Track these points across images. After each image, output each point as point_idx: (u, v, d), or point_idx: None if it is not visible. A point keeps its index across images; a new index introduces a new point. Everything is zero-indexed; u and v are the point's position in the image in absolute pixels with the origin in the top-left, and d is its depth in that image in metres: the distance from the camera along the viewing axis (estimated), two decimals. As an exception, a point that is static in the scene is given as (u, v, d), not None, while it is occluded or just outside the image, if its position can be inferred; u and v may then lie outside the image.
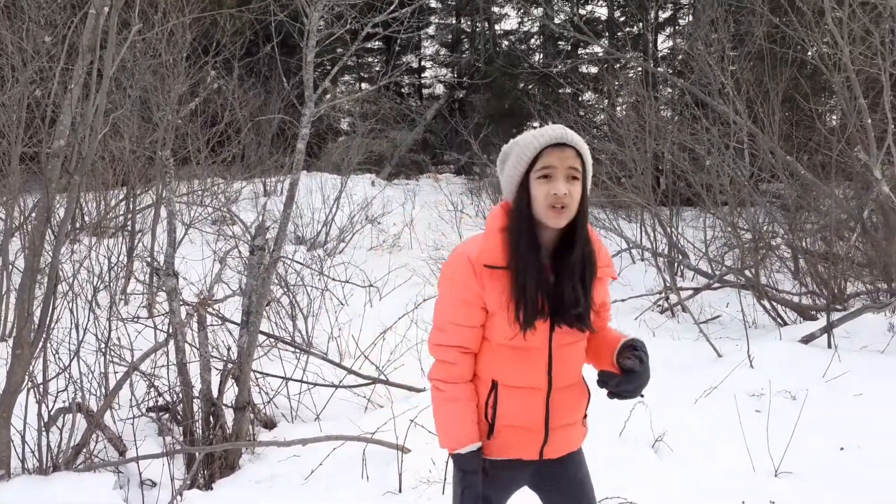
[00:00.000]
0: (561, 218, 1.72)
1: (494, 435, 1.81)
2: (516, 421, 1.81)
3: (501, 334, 1.76)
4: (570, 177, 1.73)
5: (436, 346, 1.83)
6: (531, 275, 1.72)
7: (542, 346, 1.78)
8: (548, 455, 1.86)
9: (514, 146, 1.81)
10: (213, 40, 8.91)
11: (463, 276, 1.76)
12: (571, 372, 1.85)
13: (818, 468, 3.52)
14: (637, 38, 15.22)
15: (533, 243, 1.74)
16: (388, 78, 4.89)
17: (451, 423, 1.80)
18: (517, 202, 1.78)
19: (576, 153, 1.75)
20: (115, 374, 3.95)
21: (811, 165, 7.90)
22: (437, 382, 1.82)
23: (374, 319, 5.75)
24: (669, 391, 4.32)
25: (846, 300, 6.44)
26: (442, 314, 1.82)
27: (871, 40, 5.98)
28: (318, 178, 11.51)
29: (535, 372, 1.80)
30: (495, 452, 1.83)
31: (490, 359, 1.81)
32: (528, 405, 1.81)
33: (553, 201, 1.71)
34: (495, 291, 1.74)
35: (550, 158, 1.73)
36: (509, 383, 1.80)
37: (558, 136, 1.74)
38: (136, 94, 6.93)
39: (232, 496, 3.34)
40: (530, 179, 1.75)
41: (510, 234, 1.76)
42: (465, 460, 1.78)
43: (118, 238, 6.87)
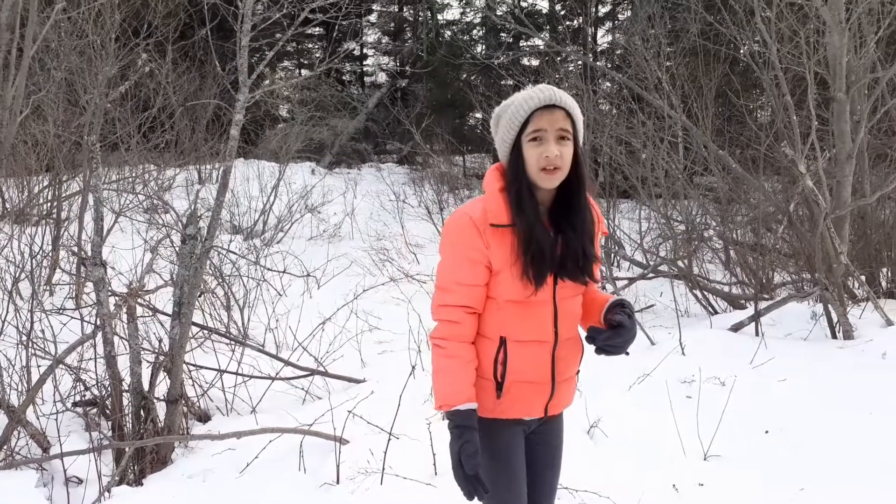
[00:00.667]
0: (553, 179, 1.78)
1: (504, 393, 1.84)
2: (526, 376, 1.85)
3: (509, 291, 1.80)
4: (560, 138, 1.78)
5: (440, 306, 1.85)
6: (539, 230, 1.78)
7: (548, 300, 1.84)
8: (551, 411, 1.93)
9: (505, 109, 1.85)
10: (144, 22, 8.59)
11: (467, 236, 1.79)
12: (573, 324, 1.92)
13: (745, 451, 3.66)
14: (577, 32, 15.42)
15: (533, 201, 1.79)
16: (326, 64, 4.80)
17: (450, 379, 1.81)
18: (512, 165, 1.82)
19: (565, 114, 1.79)
20: (39, 368, 3.79)
21: (742, 160, 8.17)
22: (438, 341, 1.84)
23: (313, 310, 5.68)
24: (604, 378, 4.41)
25: (773, 290, 6.70)
26: (446, 274, 1.85)
27: (798, 40, 6.21)
28: (255, 165, 11.26)
29: (542, 325, 1.85)
30: (506, 412, 1.86)
31: (497, 316, 1.84)
32: (537, 359, 1.85)
33: (545, 164, 1.76)
34: (501, 249, 1.78)
35: (540, 121, 1.77)
36: (518, 338, 1.83)
37: (548, 97, 1.78)
38: (62, 75, 6.62)
39: (163, 491, 3.25)
40: (522, 143, 1.79)
41: (510, 194, 1.80)
42: (463, 416, 1.78)
43: (43, 226, 6.57)
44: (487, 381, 1.85)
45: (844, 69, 6.04)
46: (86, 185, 6.43)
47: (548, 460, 2.02)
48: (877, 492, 3.22)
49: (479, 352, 1.86)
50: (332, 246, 9.09)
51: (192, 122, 11.61)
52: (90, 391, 3.81)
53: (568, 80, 11.33)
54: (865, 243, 6.87)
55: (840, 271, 5.55)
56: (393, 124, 16.06)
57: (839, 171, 6.16)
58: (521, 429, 1.93)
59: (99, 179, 3.70)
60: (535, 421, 1.95)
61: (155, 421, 3.57)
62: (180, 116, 10.66)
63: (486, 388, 1.86)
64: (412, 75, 17.68)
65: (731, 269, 7.33)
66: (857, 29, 6.32)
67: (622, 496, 3.16)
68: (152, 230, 7.38)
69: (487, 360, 1.85)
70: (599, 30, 16.52)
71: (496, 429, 1.88)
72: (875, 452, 3.58)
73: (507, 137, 1.82)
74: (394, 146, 16.36)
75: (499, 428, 1.88)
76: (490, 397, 1.86)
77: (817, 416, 4.02)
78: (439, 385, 1.83)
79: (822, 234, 5.52)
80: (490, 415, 1.86)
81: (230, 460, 3.47)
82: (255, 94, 3.88)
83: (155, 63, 10.33)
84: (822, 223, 5.47)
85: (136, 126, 9.53)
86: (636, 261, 8.19)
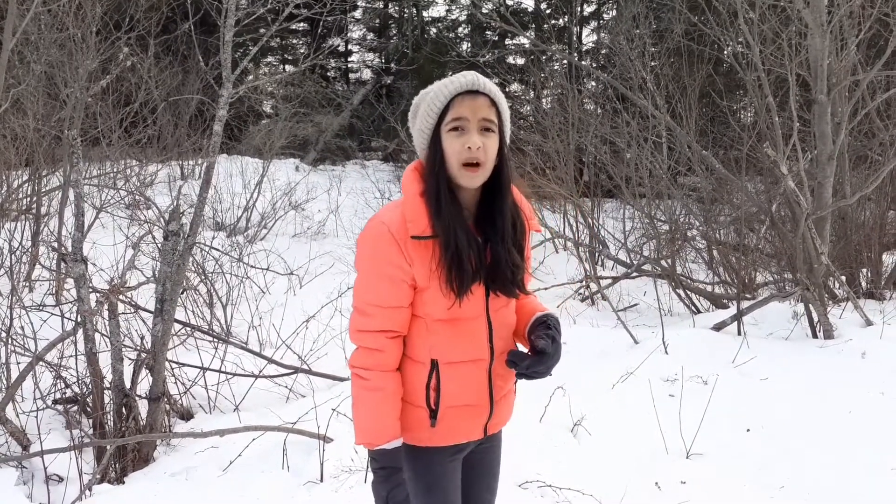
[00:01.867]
0: (476, 177, 1.59)
1: (438, 420, 1.66)
2: (462, 399, 1.68)
3: (437, 308, 1.62)
4: (483, 128, 1.58)
5: (358, 332, 1.65)
6: (461, 237, 1.58)
7: (481, 314, 1.66)
8: (490, 430, 1.77)
9: (423, 97, 1.66)
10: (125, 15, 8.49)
11: (386, 251, 1.58)
12: (508, 336, 1.75)
13: (726, 449, 3.69)
14: (562, 31, 15.46)
15: (454, 204, 1.60)
16: (310, 60, 4.77)
17: (375, 415, 1.63)
18: (429, 160, 1.62)
19: (490, 102, 1.60)
20: (18, 365, 3.74)
21: (725, 160, 8.24)
22: (359, 370, 1.64)
23: (297, 308, 5.65)
24: (588, 377, 4.43)
25: (755, 289, 6.77)
26: (364, 295, 1.64)
27: (780, 42, 6.26)
28: (238, 161, 11.17)
29: (477, 343, 1.67)
30: (442, 440, 1.70)
31: (426, 338, 1.65)
32: (473, 380, 1.68)
33: (466, 157, 1.56)
34: (424, 263, 1.59)
35: (461, 108, 1.57)
36: (451, 359, 1.65)
37: (469, 82, 1.59)
38: (42, 69, 6.53)
39: (145, 489, 3.22)
40: (441, 133, 1.60)
41: (428, 197, 1.59)
42: (389, 456, 1.63)
43: (22, 222, 6.48)
44: (419, 408, 1.67)
45: (826, 71, 6.11)
46: (66, 180, 6.35)
47: (486, 483, 1.87)
48: (856, 489, 3.26)
49: (408, 377, 1.67)
50: (317, 243, 9.05)
51: (175, 117, 11.51)
52: (71, 388, 3.77)
53: (553, 79, 11.37)
54: (846, 244, 6.96)
55: (821, 271, 5.62)
56: (378, 121, 16.01)
57: (820, 172, 6.23)
58: (458, 456, 1.76)
59: (80, 174, 3.65)
60: (474, 442, 1.77)
61: (137, 419, 3.54)
62: (163, 111, 10.56)
63: (418, 416, 1.67)
64: (397, 72, 17.63)
65: (714, 268, 7.39)
66: (838, 31, 6.39)
67: (605, 494, 3.17)
68: (134, 226, 7.31)
69: (418, 386, 1.66)
70: (584, 29, 16.58)
71: (431, 458, 1.71)
72: (854, 450, 3.63)
73: (425, 127, 1.62)
74: (379, 143, 16.29)
75: (435, 456, 1.71)
76: (423, 426, 1.68)
77: (798, 414, 4.07)
78: (362, 420, 1.64)
79: (803, 235, 5.57)
80: (425, 444, 1.70)
81: (213, 458, 3.45)
82: (238, 89, 3.85)
83: (137, 57, 10.22)
84: (803, 224, 5.53)
85: (117, 121, 9.42)
86: (620, 260, 8.23)
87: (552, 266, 8.59)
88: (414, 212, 1.59)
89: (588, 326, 6.08)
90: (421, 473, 1.72)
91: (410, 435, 1.70)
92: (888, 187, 7.25)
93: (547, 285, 7.56)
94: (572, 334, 5.56)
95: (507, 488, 3.13)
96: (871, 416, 3.98)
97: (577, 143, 8.91)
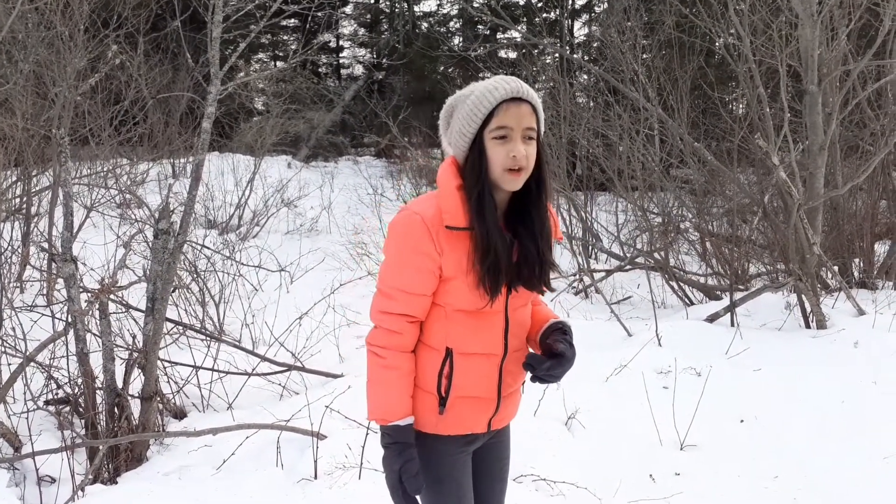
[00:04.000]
0: (518, 181, 1.62)
1: (447, 409, 1.70)
2: (471, 391, 1.71)
3: (460, 300, 1.65)
4: (526, 137, 1.62)
5: (380, 312, 1.69)
6: (500, 240, 1.62)
7: (500, 310, 1.71)
8: (494, 426, 1.80)
9: (463, 99, 1.68)
10: (114, 13, 8.43)
11: (417, 240, 1.61)
12: (522, 335, 1.79)
13: (720, 440, 3.70)
14: (554, 24, 15.44)
15: (492, 205, 1.63)
16: (301, 56, 4.75)
17: (388, 392, 1.67)
18: (472, 163, 1.64)
19: (532, 109, 1.63)
20: (9, 366, 3.72)
21: (718, 152, 8.24)
22: (377, 349, 1.68)
23: (290, 305, 5.64)
24: (582, 370, 4.41)
25: (748, 280, 6.78)
26: (390, 279, 1.67)
27: (771, 33, 6.26)
28: (230, 159, 11.13)
29: (493, 337, 1.71)
30: (448, 428, 1.73)
31: (444, 325, 1.68)
32: (484, 373, 1.72)
33: (511, 164, 1.60)
34: (454, 254, 1.62)
35: (506, 117, 1.60)
36: (466, 350, 1.69)
37: (514, 90, 1.61)
38: (29, 67, 6.48)
39: (138, 489, 3.20)
40: (484, 139, 1.62)
41: (469, 195, 1.62)
42: (402, 431, 1.66)
43: (12, 222, 6.44)
44: (429, 394, 1.71)
45: (816, 62, 6.11)
46: (56, 179, 6.31)
47: (497, 473, 1.91)
48: (850, 478, 3.28)
49: (422, 362, 1.71)
50: (310, 240, 9.04)
51: (166, 115, 11.43)
52: (62, 389, 3.74)
53: (545, 73, 11.35)
54: (838, 234, 6.98)
55: (813, 262, 5.63)
56: (370, 117, 15.95)
57: (812, 162, 6.24)
58: (468, 448, 1.80)
59: (69, 174, 3.62)
60: (483, 435, 1.82)
61: (129, 418, 3.52)
62: (153, 109, 10.49)
63: (428, 402, 1.72)
64: (389, 67, 17.58)
65: (707, 260, 7.41)
66: (828, 22, 6.39)
67: (600, 487, 3.18)
68: (125, 225, 7.28)
69: (431, 372, 1.70)
70: (576, 22, 16.56)
71: (441, 447, 1.75)
72: (847, 440, 3.64)
73: (467, 131, 1.63)
74: (371, 139, 16.26)
75: (444, 446, 1.75)
76: (431, 412, 1.72)
77: (791, 404, 4.08)
78: (376, 397, 1.69)
79: (795, 226, 5.58)
80: (432, 430, 1.73)
81: (206, 457, 3.44)
82: (227, 86, 3.83)
83: (126, 55, 10.14)
84: (795, 214, 5.54)
85: (107, 119, 9.34)
86: (613, 253, 8.24)
87: (546, 260, 8.58)
88: (451, 203, 1.63)
89: (582, 319, 6.09)
90: (432, 465, 1.75)
91: (418, 420, 1.73)
92: (879, 177, 7.27)
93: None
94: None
95: (502, 483, 3.13)
96: (863, 406, 4.00)
97: (570, 136, 8.90)
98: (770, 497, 3.17)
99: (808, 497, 3.15)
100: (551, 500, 3.10)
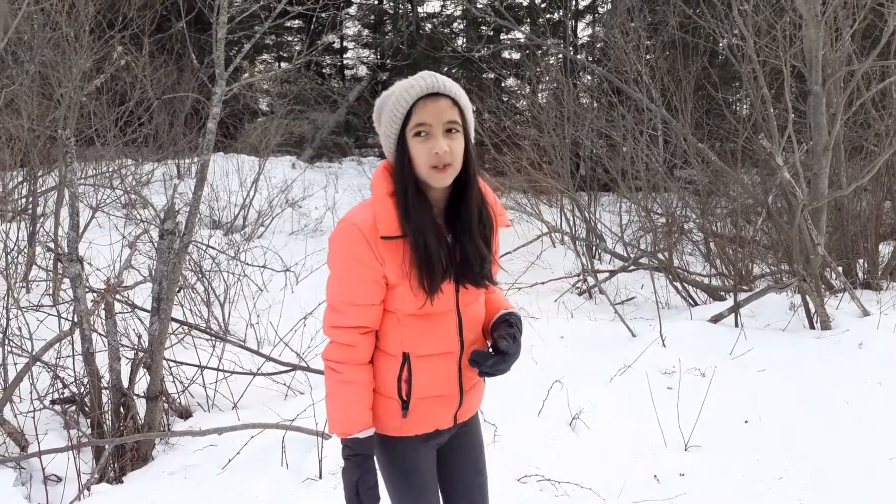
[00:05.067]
0: (445, 177, 1.60)
1: (410, 411, 1.72)
2: (432, 391, 1.73)
3: (408, 304, 1.65)
4: (448, 130, 1.60)
5: (332, 328, 1.70)
6: (430, 239, 1.61)
7: (451, 309, 1.70)
8: (461, 419, 1.82)
9: (385, 100, 1.66)
10: (119, 14, 8.46)
11: (357, 251, 1.61)
12: (477, 329, 1.79)
13: (725, 441, 3.70)
14: (557, 25, 15.43)
15: (423, 205, 1.62)
16: (305, 56, 4.75)
17: (347, 406, 1.68)
18: (397, 164, 1.64)
19: (451, 102, 1.61)
20: (15, 366, 3.73)
21: (721, 152, 8.23)
22: (333, 364, 1.69)
23: (295, 305, 5.64)
24: (586, 370, 4.44)
25: (752, 281, 6.77)
26: (337, 293, 1.68)
27: (775, 33, 6.26)
28: (234, 159, 11.15)
29: (447, 336, 1.71)
30: (413, 429, 1.75)
31: (398, 332, 1.69)
32: (443, 372, 1.73)
33: (435, 161, 1.58)
34: (395, 262, 1.62)
35: (424, 114, 1.58)
36: (423, 353, 1.69)
37: (428, 85, 1.59)
38: (35, 68, 6.51)
39: (144, 489, 3.22)
40: (406, 137, 1.61)
41: (398, 198, 1.62)
42: (361, 444, 1.68)
43: (18, 222, 6.46)
44: (391, 400, 1.72)
45: (820, 62, 6.10)
46: (61, 180, 6.33)
47: (472, 464, 1.90)
48: (854, 479, 3.27)
49: (380, 369, 1.72)
50: (314, 240, 9.04)
51: (171, 115, 11.47)
52: (68, 389, 3.76)
53: (549, 74, 11.35)
54: (842, 235, 6.96)
55: (817, 262, 5.62)
56: (374, 118, 15.97)
57: (816, 163, 6.23)
58: (432, 443, 1.81)
59: (75, 174, 3.64)
60: (449, 430, 1.82)
61: (135, 418, 3.53)
62: (158, 110, 10.53)
63: (390, 407, 1.73)
64: (393, 68, 17.59)
65: (711, 261, 7.40)
66: (832, 22, 6.38)
67: (604, 487, 3.18)
68: (130, 225, 7.30)
69: (390, 378, 1.71)
70: (580, 23, 16.55)
71: (405, 445, 1.77)
72: (852, 441, 3.64)
73: (390, 132, 1.63)
74: (375, 140, 16.28)
75: (407, 444, 1.77)
76: (394, 417, 1.73)
77: (795, 405, 4.08)
78: (335, 411, 1.70)
79: (799, 226, 5.58)
80: (397, 433, 1.75)
81: (212, 457, 3.45)
82: (232, 87, 3.84)
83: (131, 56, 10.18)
84: (799, 215, 5.53)
85: (112, 120, 9.39)
86: (617, 253, 8.23)
87: (549, 260, 8.60)
88: (384, 212, 1.62)
89: (585, 320, 6.09)
90: (396, 461, 1.78)
91: (382, 425, 1.75)
92: (884, 177, 7.25)
93: (544, 280, 7.57)
94: (570, 328, 5.56)
95: (506, 482, 3.14)
96: (868, 406, 4.00)
97: (573, 137, 8.90)
98: (775, 498, 3.17)
99: (813, 498, 3.15)
100: (555, 500, 3.10)
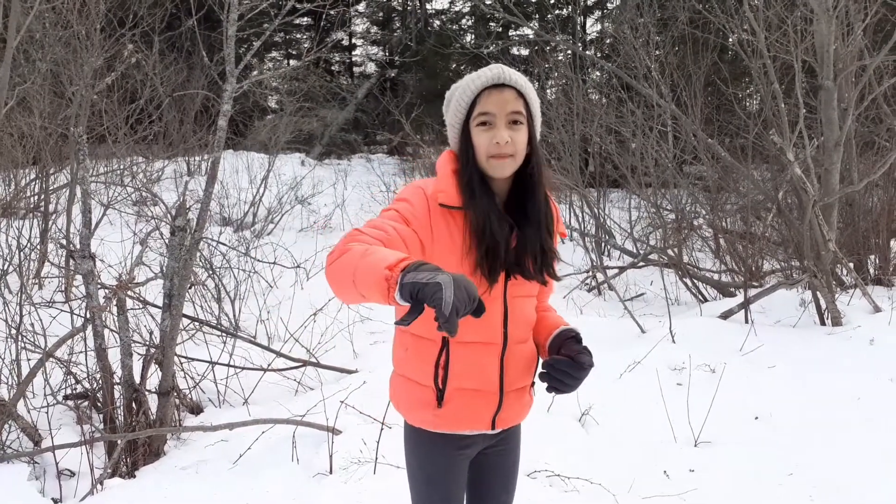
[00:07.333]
0: (504, 167, 1.60)
1: (445, 402, 1.64)
2: (470, 382, 1.65)
3: None
4: (512, 122, 1.59)
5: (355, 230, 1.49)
6: (495, 223, 1.58)
7: (497, 296, 1.64)
8: (499, 425, 1.72)
9: (454, 90, 1.67)
10: (129, 12, 8.50)
11: (414, 200, 1.58)
12: (525, 328, 1.72)
13: (734, 437, 3.69)
14: (566, 20, 15.39)
15: (486, 190, 1.60)
16: (314, 54, 4.76)
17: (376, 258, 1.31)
18: (461, 153, 1.64)
19: (517, 94, 1.60)
20: (29, 362, 3.77)
21: (731, 148, 8.21)
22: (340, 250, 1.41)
23: (305, 301, 5.67)
24: (596, 367, 4.42)
25: (762, 277, 6.75)
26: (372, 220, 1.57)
27: (786, 28, 6.22)
28: (244, 157, 11.21)
29: (490, 325, 1.64)
30: (446, 425, 1.67)
31: None
32: (482, 362, 1.65)
33: (494, 150, 1.58)
34: (447, 234, 1.58)
35: (488, 104, 1.59)
36: (462, 339, 1.60)
37: (494, 76, 1.60)
38: (47, 66, 6.56)
39: (156, 483, 3.24)
40: (470, 127, 1.62)
41: (461, 178, 1.61)
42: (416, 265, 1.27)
43: (30, 219, 6.52)
44: (426, 388, 1.66)
45: (832, 57, 6.06)
46: (73, 177, 6.38)
47: (502, 482, 1.82)
48: (864, 476, 3.26)
49: (418, 355, 1.66)
50: (323, 237, 9.07)
51: (181, 113, 11.54)
52: (81, 384, 3.79)
53: (558, 70, 11.33)
54: (853, 230, 6.92)
55: (828, 258, 5.59)
56: (383, 115, 16.01)
57: (827, 158, 6.19)
58: (466, 452, 1.73)
59: (86, 172, 3.67)
60: (484, 438, 1.74)
61: (147, 413, 3.56)
62: (168, 108, 10.59)
63: (425, 396, 1.66)
64: (401, 65, 17.62)
65: (721, 257, 7.37)
66: (844, 17, 6.34)
67: (614, 483, 3.18)
68: (141, 222, 7.34)
69: (427, 363, 1.64)
70: (589, 19, 16.51)
71: (437, 447, 1.69)
72: (863, 437, 3.62)
73: (455, 122, 1.64)
74: (384, 137, 16.30)
75: (440, 447, 1.69)
76: (429, 407, 1.66)
77: (806, 401, 4.06)
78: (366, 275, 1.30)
79: (810, 222, 5.55)
80: (430, 427, 1.68)
81: (223, 452, 3.47)
82: (242, 84, 3.86)
83: (142, 54, 10.24)
84: (810, 211, 5.51)
85: (123, 118, 9.46)
86: (626, 250, 8.22)
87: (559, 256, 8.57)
88: (445, 184, 1.61)
89: (595, 316, 6.08)
90: (426, 464, 1.71)
91: (415, 415, 1.70)
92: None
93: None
94: (579, 324, 5.55)
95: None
96: (879, 403, 3.98)
97: (583, 133, 8.88)
98: (785, 494, 3.16)
99: (824, 494, 3.14)
100: (565, 495, 3.11)
